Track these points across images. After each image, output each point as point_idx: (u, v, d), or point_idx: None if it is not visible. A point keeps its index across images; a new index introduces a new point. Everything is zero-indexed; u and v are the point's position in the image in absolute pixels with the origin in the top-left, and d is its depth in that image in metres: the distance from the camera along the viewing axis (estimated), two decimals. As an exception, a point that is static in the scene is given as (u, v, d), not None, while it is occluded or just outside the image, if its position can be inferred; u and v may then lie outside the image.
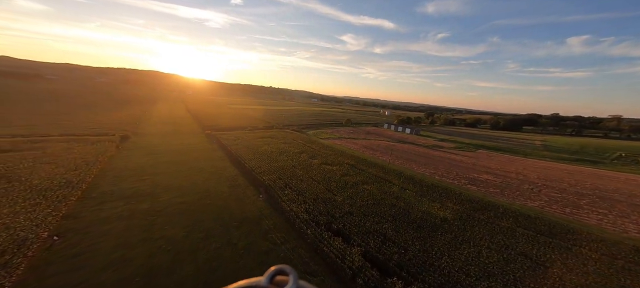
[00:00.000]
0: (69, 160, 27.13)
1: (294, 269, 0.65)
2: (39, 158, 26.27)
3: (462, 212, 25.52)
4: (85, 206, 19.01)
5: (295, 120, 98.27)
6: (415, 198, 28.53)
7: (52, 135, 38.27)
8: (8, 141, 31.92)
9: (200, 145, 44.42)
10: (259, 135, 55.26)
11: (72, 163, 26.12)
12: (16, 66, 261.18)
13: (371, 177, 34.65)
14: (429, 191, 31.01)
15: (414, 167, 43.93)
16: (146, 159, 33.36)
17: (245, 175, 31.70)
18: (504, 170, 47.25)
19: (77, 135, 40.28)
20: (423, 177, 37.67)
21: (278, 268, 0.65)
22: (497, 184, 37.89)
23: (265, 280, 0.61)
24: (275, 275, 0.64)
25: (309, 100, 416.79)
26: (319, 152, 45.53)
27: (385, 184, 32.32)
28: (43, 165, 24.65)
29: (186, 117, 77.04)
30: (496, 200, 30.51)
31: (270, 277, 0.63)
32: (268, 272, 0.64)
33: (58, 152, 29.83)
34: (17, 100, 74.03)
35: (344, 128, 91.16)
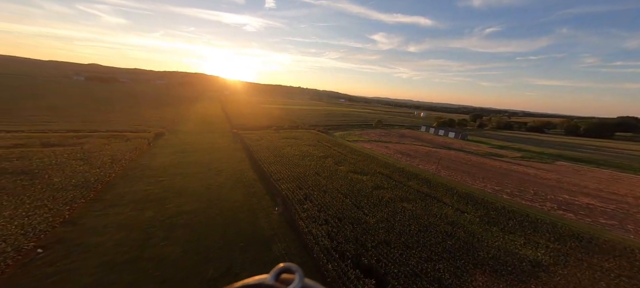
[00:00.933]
0: (98, 157, 27.48)
1: (300, 268, 0.65)
2: (73, 154, 27.11)
3: (566, 253, 17.51)
4: (91, 210, 17.58)
5: (322, 120, 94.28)
6: (481, 226, 21.22)
7: (100, 131, 41.23)
8: (59, 136, 34.78)
9: (225, 145, 43.39)
10: (283, 136, 52.54)
11: (100, 160, 26.21)
12: (100, 72, 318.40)
13: (412, 192, 28.00)
14: (500, 217, 23.13)
15: (469, 181, 35.24)
16: (170, 158, 32.83)
17: (263, 181, 28.42)
18: (612, 192, 35.00)
19: (120, 131, 42.84)
20: (485, 195, 29.32)
21: (284, 266, 0.65)
22: (609, 213, 27.30)
23: (271, 278, 0.61)
24: (281, 272, 0.64)
25: (337, 101, 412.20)
26: (346, 157, 40.18)
27: (433, 203, 25.43)
28: (73, 161, 25.06)
29: (219, 116, 79.67)
30: (618, 238, 21.00)
31: (276, 275, 0.63)
32: (274, 270, 0.64)
33: (94, 148, 30.94)
34: (91, 99, 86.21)
35: (375, 130, 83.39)
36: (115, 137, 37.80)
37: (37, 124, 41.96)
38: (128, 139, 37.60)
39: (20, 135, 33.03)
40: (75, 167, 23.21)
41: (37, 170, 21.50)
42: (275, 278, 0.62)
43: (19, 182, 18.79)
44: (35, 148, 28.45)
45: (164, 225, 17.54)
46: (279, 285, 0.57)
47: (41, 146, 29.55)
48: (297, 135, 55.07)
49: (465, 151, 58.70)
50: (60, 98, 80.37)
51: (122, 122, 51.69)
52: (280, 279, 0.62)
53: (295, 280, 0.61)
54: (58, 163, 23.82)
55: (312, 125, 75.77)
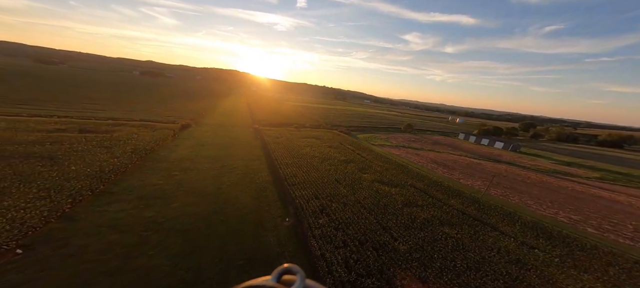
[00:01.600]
0: (122, 145, 27.66)
1: (301, 269, 0.64)
2: (101, 142, 27.68)
3: None
4: (94, 204, 16.49)
5: (345, 120, 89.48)
6: (563, 271, 15.28)
7: (135, 120, 43.28)
8: (98, 123, 36.86)
9: (244, 140, 42.09)
10: (303, 134, 49.68)
11: (121, 149, 26.19)
12: (153, 67, 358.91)
13: (455, 213, 22.43)
14: (592, 261, 16.77)
15: (532, 204, 27.93)
16: (189, 151, 32.18)
17: (277, 184, 25.58)
18: None
19: (151, 121, 44.54)
20: (561, 226, 22.41)
21: (286, 268, 0.65)
22: None
23: (273, 279, 0.61)
24: (282, 274, 0.64)
25: (362, 102, 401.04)
26: (371, 164, 35.40)
27: (486, 231, 19.76)
28: (97, 149, 25.33)
29: (244, 111, 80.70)
30: None
31: (277, 276, 0.62)
32: (276, 271, 0.64)
33: (122, 136, 31.67)
34: (139, 92, 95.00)
35: (403, 135, 75.79)
36: (146, 127, 38.98)
37: (86, 111, 45.88)
38: (156, 129, 38.43)
39: (66, 121, 35.76)
40: (97, 155, 23.16)
41: (61, 156, 21.75)
42: (276, 280, 0.61)
43: (38, 168, 18.80)
44: (72, 133, 30.00)
45: (161, 228, 15.59)
46: (280, 286, 0.57)
47: (78, 132, 31.17)
48: (319, 134, 51.73)
49: (520, 166, 48.67)
50: (114, 90, 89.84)
51: (158, 113, 54.43)
52: (282, 281, 0.62)
53: (296, 282, 0.60)
54: (83, 150, 24.16)
55: (334, 125, 71.79)
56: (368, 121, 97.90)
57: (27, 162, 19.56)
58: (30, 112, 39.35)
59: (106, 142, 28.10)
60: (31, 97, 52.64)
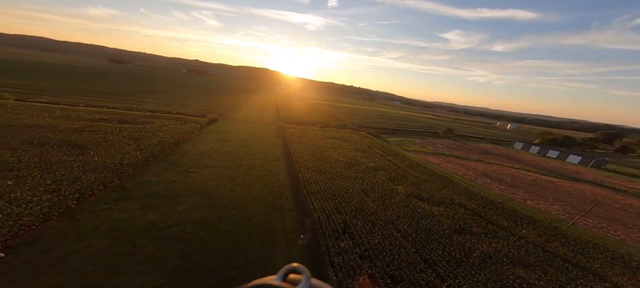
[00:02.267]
0: (149, 138, 27.82)
1: (306, 268, 0.63)
2: (132, 132, 28.27)
3: None
4: (101, 201, 15.51)
5: (374, 121, 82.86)
6: None
7: (170, 113, 45.20)
8: (136, 115, 38.93)
9: (266, 138, 40.35)
10: (328, 135, 46.01)
11: (147, 142, 26.17)
12: (198, 66, 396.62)
13: (531, 249, 16.48)
14: None
15: None
16: (211, 146, 31.36)
17: (294, 190, 22.50)
18: None
19: (184, 114, 46.06)
20: None
21: (291, 267, 0.64)
22: None
23: (278, 278, 0.61)
24: (288, 273, 0.63)
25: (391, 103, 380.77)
26: (405, 173, 29.98)
27: (586, 281, 13.51)
28: (126, 140, 25.66)
29: (271, 107, 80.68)
30: None
31: (283, 275, 0.62)
32: (281, 270, 0.63)
33: (154, 128, 32.38)
34: (183, 88, 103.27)
35: (442, 140, 66.30)
36: (178, 120, 40.02)
37: (134, 104, 49.80)
38: (186, 122, 39.10)
39: (111, 111, 38.61)
40: (123, 147, 23.18)
41: (91, 146, 22.11)
42: (282, 279, 0.61)
43: (64, 157, 18.97)
44: (112, 124, 31.63)
45: (160, 236, 13.68)
46: (286, 285, 0.56)
47: (117, 122, 32.86)
48: (344, 135, 47.45)
49: (610, 187, 36.97)
50: (162, 86, 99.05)
51: (192, 107, 56.88)
52: (287, 280, 0.61)
53: (302, 281, 0.59)
54: (113, 140, 24.58)
55: (362, 126, 66.40)
56: (399, 123, 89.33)
57: (58, 150, 20.05)
58: (87, 102, 43.99)
59: (137, 133, 28.68)
60: (95, 90, 59.92)
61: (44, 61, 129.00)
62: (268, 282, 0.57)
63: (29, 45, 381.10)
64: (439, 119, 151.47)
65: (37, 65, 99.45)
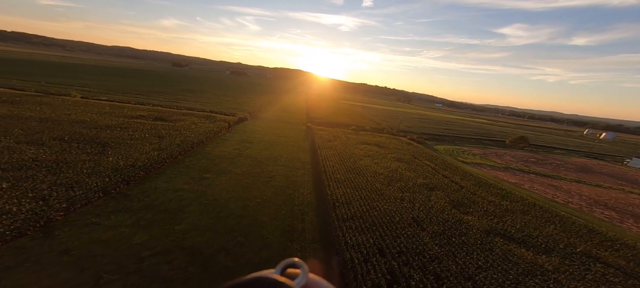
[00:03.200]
0: (175, 136, 26.64)
1: (305, 263, 0.63)
2: (162, 130, 27.57)
3: None
4: (92, 213, 13.27)
5: (416, 126, 72.24)
6: None
7: (204, 111, 45.64)
8: (173, 112, 39.67)
9: (293, 140, 36.54)
10: (362, 139, 39.78)
11: (170, 141, 24.81)
12: (239, 68, 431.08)
13: None
14: None
15: None
16: (233, 148, 28.88)
17: (320, 212, 17.62)
18: None
19: (216, 112, 46.00)
20: None
21: (290, 261, 0.63)
22: None
23: (276, 271, 0.61)
24: (286, 267, 0.63)
25: (432, 105, 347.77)
26: (473, 196, 22.01)
27: None
28: (151, 138, 24.73)
29: (301, 107, 77.93)
30: None
31: (281, 269, 0.62)
32: (280, 265, 0.63)
33: (183, 126, 31.72)
34: (223, 87, 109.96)
35: (512, 152, 52.47)
36: (208, 118, 39.52)
37: (176, 102, 52.49)
38: (216, 121, 38.19)
39: (153, 108, 40.28)
40: (144, 146, 21.93)
41: (115, 144, 21.32)
42: (280, 273, 0.60)
43: (82, 156, 18.04)
44: (147, 120, 32.06)
45: (135, 270, 10.36)
46: (284, 279, 0.56)
47: (153, 119, 33.33)
48: (382, 141, 40.48)
49: None
50: (206, 86, 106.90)
51: (226, 105, 57.63)
52: (285, 274, 0.61)
53: (300, 275, 0.59)
54: (139, 138, 23.79)
55: (402, 130, 57.56)
56: (447, 128, 76.24)
57: (82, 147, 19.44)
58: (138, 100, 47.68)
59: (165, 130, 27.94)
60: (150, 90, 66.30)
61: (123, 66, 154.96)
62: (266, 275, 0.57)
63: (120, 54, 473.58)
64: (498, 124, 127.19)
65: (116, 70, 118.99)
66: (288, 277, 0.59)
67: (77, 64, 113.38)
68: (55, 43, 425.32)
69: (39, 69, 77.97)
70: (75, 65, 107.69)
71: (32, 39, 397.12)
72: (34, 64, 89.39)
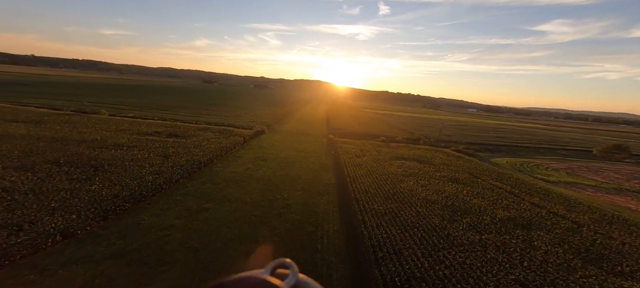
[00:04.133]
0: (184, 154, 23.76)
1: (294, 263, 0.63)
2: (168, 148, 25.05)
3: None
4: (37, 265, 9.61)
5: (456, 134, 62.51)
6: None
7: (221, 125, 43.70)
8: (190, 127, 37.96)
9: (313, 156, 31.67)
10: (396, 153, 33.17)
11: (176, 161, 21.80)
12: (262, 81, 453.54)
13: None
14: None
15: None
16: (245, 167, 24.98)
17: (356, 269, 12.06)
18: None
19: (234, 126, 43.75)
20: None
21: (280, 262, 0.63)
22: None
23: (266, 271, 0.61)
24: (276, 267, 0.63)
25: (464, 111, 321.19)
26: (608, 239, 14.09)
27: None
28: (155, 157, 22.00)
29: (320, 117, 73.71)
30: None
31: (271, 269, 0.62)
32: (269, 265, 0.63)
33: (194, 143, 29.18)
34: (245, 100, 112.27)
35: (609, 165, 40.36)
36: (224, 132, 36.98)
37: (196, 116, 52.23)
38: (231, 135, 35.34)
39: (171, 124, 39.33)
40: (143, 169, 19.07)
41: (111, 166, 18.65)
42: (270, 273, 0.60)
43: (62, 184, 15.25)
44: (160, 137, 30.29)
45: None
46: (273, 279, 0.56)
47: (166, 136, 31.57)
48: (421, 155, 33.33)
49: None
50: (228, 99, 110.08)
51: (245, 118, 55.90)
52: (275, 274, 0.61)
53: (289, 275, 0.59)
54: (141, 159, 21.21)
55: (443, 141, 48.94)
56: (497, 136, 64.66)
57: (71, 172, 17.00)
58: (162, 115, 48.12)
59: (174, 148, 25.35)
60: (180, 105, 68.43)
61: (159, 85, 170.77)
62: (255, 275, 0.56)
63: (163, 74, 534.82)
64: (561, 130, 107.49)
65: (153, 88, 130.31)
66: (278, 277, 0.59)
67: (121, 85, 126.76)
68: (114, 67, 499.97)
69: (90, 90, 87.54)
70: (120, 86, 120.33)
71: (98, 65, 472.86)
72: (89, 86, 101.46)
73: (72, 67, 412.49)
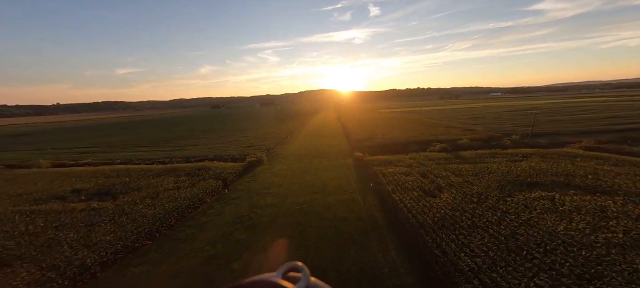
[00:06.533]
0: (80, 249, 11.54)
1: (306, 266, 0.62)
2: (68, 232, 12.93)
3: None
4: None
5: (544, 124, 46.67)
6: None
7: (201, 160, 32.01)
8: (140, 169, 26.08)
9: (342, 200, 17.97)
10: (503, 172, 18.12)
11: (61, 255, 9.38)
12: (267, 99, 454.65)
13: None
14: None
15: None
16: (206, 254, 12.17)
17: None
18: None
19: (218, 158, 32.04)
20: None
21: (291, 265, 0.63)
22: None
23: (277, 275, 0.60)
24: (287, 271, 0.62)
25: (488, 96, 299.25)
26: None
27: None
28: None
29: (334, 128, 60.48)
30: None
31: (283, 272, 0.61)
32: (281, 268, 0.62)
33: (130, 204, 17.16)
34: (250, 120, 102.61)
35: None
36: (196, 175, 24.00)
37: (174, 150, 41.51)
38: (205, 178, 22.78)
39: (112, 170, 28.02)
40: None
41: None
42: (281, 276, 0.60)
43: None
44: (72, 203, 18.67)
45: None
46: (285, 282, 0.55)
47: (86, 198, 19.98)
48: (554, 169, 18.23)
49: None
50: (228, 122, 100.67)
51: (243, 142, 43.97)
52: (286, 277, 0.60)
53: (301, 279, 0.58)
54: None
55: (542, 135, 32.79)
56: (602, 118, 46.50)
57: None
58: (127, 155, 37.73)
59: (75, 231, 13.38)
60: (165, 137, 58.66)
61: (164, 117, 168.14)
62: (267, 278, 0.56)
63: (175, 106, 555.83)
64: None
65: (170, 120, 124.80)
66: (289, 280, 0.58)
67: (115, 123, 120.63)
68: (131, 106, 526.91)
69: (74, 133, 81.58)
70: (106, 125, 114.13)
71: (114, 106, 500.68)
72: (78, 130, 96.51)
73: (92, 110, 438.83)
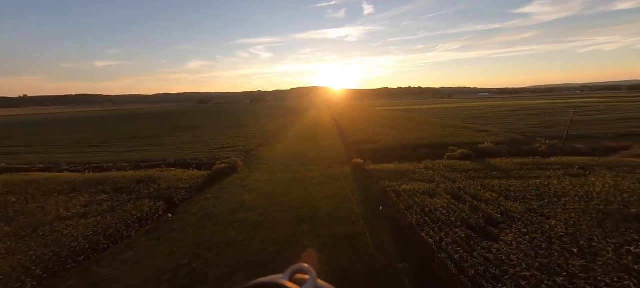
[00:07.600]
0: None
1: (312, 268, 0.62)
2: None
3: None
4: None
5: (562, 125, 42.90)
6: None
7: (157, 167, 25.18)
8: (53, 179, 19.18)
9: (339, 224, 11.83)
10: (579, 188, 12.03)
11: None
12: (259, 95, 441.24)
13: None
14: None
15: None
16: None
17: None
18: None
19: (178, 164, 25.13)
20: None
21: (298, 267, 0.63)
22: None
23: (285, 277, 0.60)
24: (294, 273, 0.62)
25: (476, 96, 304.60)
26: None
27: None
28: None
29: (327, 128, 54.31)
30: None
31: (289, 274, 0.61)
32: (288, 270, 0.62)
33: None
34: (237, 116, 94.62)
35: None
36: (132, 191, 18.12)
37: (123, 153, 34.02)
38: (138, 198, 16.52)
39: (21, 179, 20.75)
40: None
41: None
42: (288, 278, 0.60)
43: None
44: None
45: None
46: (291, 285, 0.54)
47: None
48: (626, 185, 13.18)
49: None
50: (208, 118, 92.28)
51: (219, 141, 37.21)
52: (293, 279, 0.60)
53: (308, 281, 0.58)
54: None
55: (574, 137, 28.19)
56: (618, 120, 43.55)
57: None
58: (76, 157, 29.90)
59: None
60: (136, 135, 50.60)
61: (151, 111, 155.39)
62: (274, 280, 0.56)
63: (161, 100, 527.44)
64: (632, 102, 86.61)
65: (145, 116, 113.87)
66: (296, 282, 0.58)
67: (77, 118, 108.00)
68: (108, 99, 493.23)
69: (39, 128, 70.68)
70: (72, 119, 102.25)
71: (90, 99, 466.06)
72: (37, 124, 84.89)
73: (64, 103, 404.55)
